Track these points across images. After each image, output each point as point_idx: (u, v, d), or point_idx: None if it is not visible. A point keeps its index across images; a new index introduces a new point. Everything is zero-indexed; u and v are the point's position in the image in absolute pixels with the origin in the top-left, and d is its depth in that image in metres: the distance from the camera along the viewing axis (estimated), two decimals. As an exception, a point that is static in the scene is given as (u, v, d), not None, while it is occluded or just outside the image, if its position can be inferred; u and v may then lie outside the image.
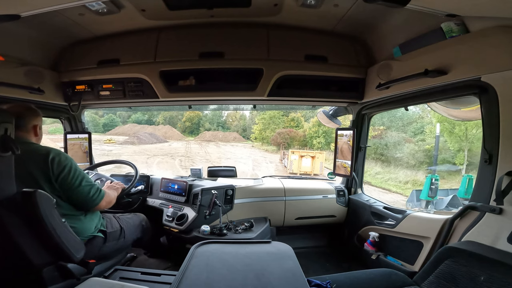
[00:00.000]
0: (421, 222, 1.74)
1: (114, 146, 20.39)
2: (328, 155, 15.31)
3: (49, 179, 1.23)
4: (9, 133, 0.98)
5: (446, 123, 11.47)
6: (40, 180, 1.21)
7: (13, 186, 1.03)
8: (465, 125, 11.22)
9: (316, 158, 13.51)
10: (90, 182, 1.37)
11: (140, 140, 23.50)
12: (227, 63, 1.91)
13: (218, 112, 34.23)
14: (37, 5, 1.10)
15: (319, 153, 14.26)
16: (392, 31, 1.71)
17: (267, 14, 1.77)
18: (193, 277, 0.90)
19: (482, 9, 1.13)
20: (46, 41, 1.90)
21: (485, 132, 1.34)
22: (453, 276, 1.18)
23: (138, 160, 14.91)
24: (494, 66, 1.19)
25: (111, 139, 23.32)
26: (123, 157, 16.23)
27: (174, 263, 2.10)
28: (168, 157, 17.24)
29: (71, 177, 1.28)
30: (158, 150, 20.01)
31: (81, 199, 1.33)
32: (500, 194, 1.20)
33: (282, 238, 2.29)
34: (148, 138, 24.60)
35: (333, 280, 1.23)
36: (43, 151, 1.26)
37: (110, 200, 1.53)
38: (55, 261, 1.16)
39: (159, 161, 15.70)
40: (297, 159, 13.56)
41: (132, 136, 24.48)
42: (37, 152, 1.25)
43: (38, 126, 1.37)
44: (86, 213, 1.40)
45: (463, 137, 11.74)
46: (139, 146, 21.44)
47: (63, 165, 1.26)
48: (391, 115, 15.96)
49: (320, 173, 13.04)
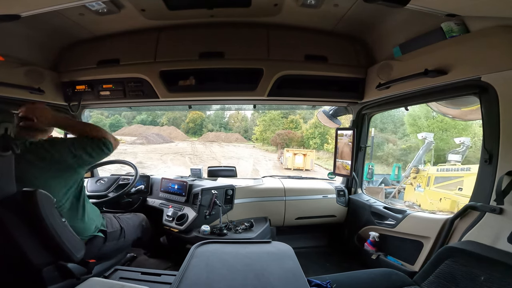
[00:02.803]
0: (421, 222, 1.74)
1: (126, 145, 21.59)
2: (323, 154, 19.47)
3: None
4: (9, 133, 0.98)
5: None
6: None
7: (13, 185, 1.03)
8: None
9: (307, 155, 15.82)
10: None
11: (149, 140, 24.58)
12: (227, 63, 1.91)
13: (221, 113, 34.70)
14: (37, 5, 1.10)
15: (310, 151, 16.88)
16: (392, 31, 1.71)
17: (267, 14, 1.77)
18: (193, 277, 0.90)
19: (482, 9, 1.13)
20: (46, 41, 1.90)
21: (485, 132, 1.34)
22: (453, 276, 1.18)
23: (153, 157, 16.79)
24: (494, 66, 1.19)
25: (121, 139, 24.35)
26: (139, 156, 17.19)
27: (174, 263, 2.10)
28: (178, 155, 18.63)
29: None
30: (167, 149, 21.27)
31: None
32: (500, 194, 1.20)
33: (282, 238, 2.29)
34: (155, 138, 25.74)
35: (333, 280, 1.23)
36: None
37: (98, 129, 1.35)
38: (55, 260, 1.16)
39: (171, 158, 17.18)
40: (291, 156, 15.74)
41: (141, 137, 25.73)
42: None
43: None
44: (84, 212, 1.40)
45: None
46: (148, 146, 22.60)
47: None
48: (384, 117, 18.36)
49: (311, 168, 15.52)
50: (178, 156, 18.47)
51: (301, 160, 15.55)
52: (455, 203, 6.19)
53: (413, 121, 16.63)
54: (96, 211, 1.52)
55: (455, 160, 7.48)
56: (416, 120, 16.45)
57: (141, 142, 23.81)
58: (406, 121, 17.42)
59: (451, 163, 7.48)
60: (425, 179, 7.28)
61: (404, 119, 17.98)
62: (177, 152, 19.97)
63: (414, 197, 7.56)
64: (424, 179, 7.32)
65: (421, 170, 7.64)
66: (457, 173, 6.85)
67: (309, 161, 15.69)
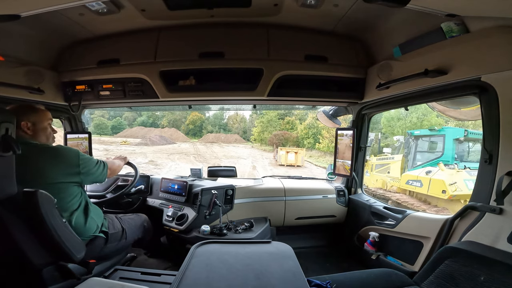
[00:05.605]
0: (421, 222, 1.74)
1: (131, 147, 23.06)
2: (315, 153, 22.68)
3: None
4: (10, 133, 0.98)
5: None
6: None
7: (14, 186, 1.03)
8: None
9: (298, 153, 17.73)
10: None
11: (153, 142, 25.94)
12: (227, 63, 1.91)
13: (220, 115, 35.06)
14: (37, 5, 1.10)
15: (301, 149, 18.99)
16: (392, 31, 1.71)
17: (267, 14, 1.77)
18: (193, 277, 0.90)
19: (482, 9, 1.13)
20: (46, 41, 1.89)
21: (485, 132, 1.34)
22: (453, 276, 1.18)
23: (162, 157, 18.52)
24: (494, 66, 1.19)
25: (126, 141, 26.24)
26: (149, 155, 18.30)
27: (174, 263, 2.10)
28: (183, 155, 20.32)
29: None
30: (172, 150, 22.91)
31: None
32: (500, 194, 1.20)
33: (282, 238, 2.29)
34: (159, 140, 27.14)
35: (333, 280, 1.23)
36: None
37: (114, 168, 1.67)
38: (56, 261, 1.16)
39: (178, 158, 18.81)
40: (284, 154, 17.65)
41: (144, 138, 27.17)
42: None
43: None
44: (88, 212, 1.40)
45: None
46: (152, 147, 23.78)
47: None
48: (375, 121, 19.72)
49: (302, 164, 17.40)
50: (183, 155, 20.13)
51: (293, 157, 17.33)
52: (384, 182, 8.83)
53: (387, 122, 19.39)
54: (98, 211, 1.52)
55: (387, 152, 10.34)
56: (390, 121, 19.26)
57: (145, 144, 24.96)
58: (382, 123, 19.77)
59: (385, 154, 10.14)
60: (370, 166, 9.57)
61: (381, 121, 19.98)
62: (182, 152, 21.66)
63: (364, 179, 9.18)
64: (369, 167, 9.53)
65: (368, 160, 9.45)
66: (386, 161, 9.41)
67: (300, 158, 17.50)
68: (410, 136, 8.94)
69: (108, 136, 30.20)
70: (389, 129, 18.89)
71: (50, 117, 1.43)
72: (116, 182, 2.32)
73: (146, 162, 15.77)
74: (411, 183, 7.52)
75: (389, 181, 8.67)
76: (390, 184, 8.59)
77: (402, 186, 7.85)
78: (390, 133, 18.27)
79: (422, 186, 7.10)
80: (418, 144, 8.62)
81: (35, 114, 1.35)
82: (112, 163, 1.67)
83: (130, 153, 18.93)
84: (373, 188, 8.74)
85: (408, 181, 7.62)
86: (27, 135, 1.31)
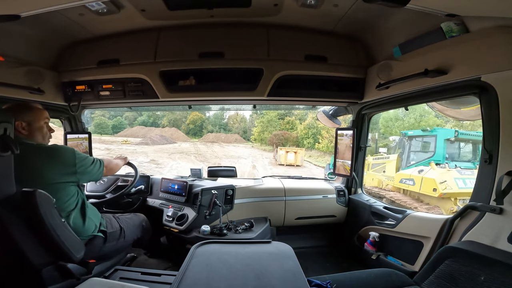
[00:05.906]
0: (421, 222, 1.74)
1: (132, 146, 23.23)
2: (314, 152, 23.01)
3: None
4: (8, 133, 0.98)
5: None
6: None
7: (12, 186, 1.03)
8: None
9: (298, 153, 17.89)
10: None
11: (153, 141, 26.04)
12: (227, 63, 1.91)
13: (220, 115, 35.08)
14: (37, 5, 1.10)
15: (300, 149, 19.09)
16: (392, 31, 1.71)
17: (267, 14, 1.77)
18: (193, 277, 0.90)
19: (482, 9, 1.13)
20: (46, 41, 1.89)
21: (485, 132, 1.34)
22: (453, 276, 1.18)
23: (163, 156, 18.79)
24: (494, 66, 1.19)
25: (127, 140, 26.42)
26: (150, 155, 18.41)
27: (174, 263, 2.10)
28: (184, 154, 20.60)
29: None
30: (172, 149, 23.14)
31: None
32: (500, 194, 1.20)
33: (282, 238, 2.29)
34: (159, 139, 27.31)
35: (333, 280, 1.23)
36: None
37: (111, 166, 1.67)
38: (55, 261, 1.16)
39: (179, 157, 19.06)
40: (284, 153, 17.88)
41: (145, 138, 27.28)
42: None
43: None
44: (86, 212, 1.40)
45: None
46: (153, 146, 23.93)
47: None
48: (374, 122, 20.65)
49: (301, 164, 17.61)
50: (184, 155, 20.44)
51: (292, 157, 17.53)
52: (380, 181, 9.17)
53: (385, 122, 20.05)
54: (96, 211, 1.52)
55: (383, 152, 10.44)
56: (388, 122, 19.95)
57: (146, 143, 25.10)
58: (380, 123, 20.33)
59: (381, 154, 10.27)
60: (367, 165, 9.38)
61: (379, 122, 20.58)
62: (183, 152, 21.97)
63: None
64: (366, 166, 8.98)
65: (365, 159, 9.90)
66: (382, 161, 9.61)
67: (299, 158, 17.69)
68: (404, 136, 9.14)
69: (109, 136, 30.39)
70: (387, 130, 19.55)
71: (47, 116, 1.42)
72: (116, 182, 2.32)
73: (147, 161, 15.94)
74: (404, 182, 7.76)
75: (384, 180, 8.99)
76: (385, 183, 8.87)
77: (396, 184, 8.09)
78: (389, 133, 18.76)
79: (415, 184, 7.30)
80: (411, 144, 8.79)
81: (30, 113, 1.34)
82: (109, 161, 1.67)
83: (131, 152, 19.17)
84: (369, 187, 9.04)
85: (402, 180, 7.86)
86: (22, 134, 1.30)
